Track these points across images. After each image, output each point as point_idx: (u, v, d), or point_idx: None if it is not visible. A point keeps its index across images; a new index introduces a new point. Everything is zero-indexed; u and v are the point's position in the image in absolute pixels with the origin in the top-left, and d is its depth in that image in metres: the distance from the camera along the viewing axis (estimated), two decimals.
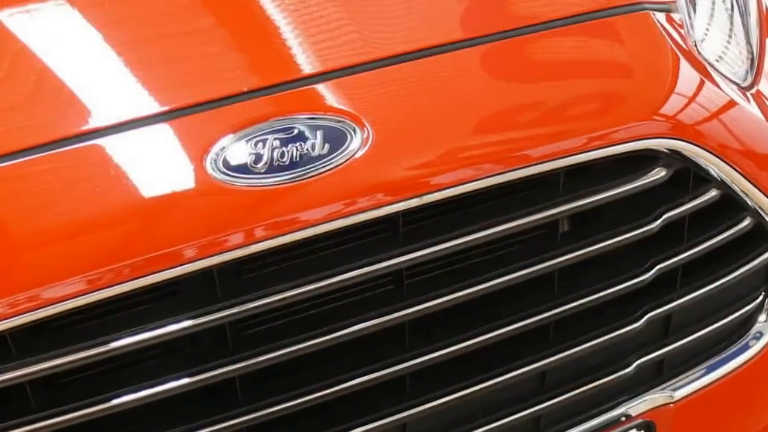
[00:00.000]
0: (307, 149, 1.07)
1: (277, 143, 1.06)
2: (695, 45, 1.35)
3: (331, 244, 1.12)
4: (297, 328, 1.12)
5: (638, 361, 1.30)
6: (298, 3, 1.21)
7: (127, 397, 1.06)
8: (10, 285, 1.00)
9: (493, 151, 1.16)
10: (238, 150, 1.06)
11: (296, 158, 1.06)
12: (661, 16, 1.32)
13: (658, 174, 1.24)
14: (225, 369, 1.08)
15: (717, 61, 1.37)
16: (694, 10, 1.38)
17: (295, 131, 1.08)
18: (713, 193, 1.28)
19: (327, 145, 1.08)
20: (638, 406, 1.32)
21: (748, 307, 1.39)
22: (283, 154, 1.06)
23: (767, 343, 1.40)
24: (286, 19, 1.19)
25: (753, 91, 1.39)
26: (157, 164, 1.06)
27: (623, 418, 1.32)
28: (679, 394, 1.34)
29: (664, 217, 1.25)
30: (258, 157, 1.06)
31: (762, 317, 1.41)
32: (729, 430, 1.48)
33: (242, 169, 1.06)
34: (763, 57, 1.44)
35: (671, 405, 1.34)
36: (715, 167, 1.27)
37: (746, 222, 1.31)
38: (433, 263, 1.17)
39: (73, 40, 1.15)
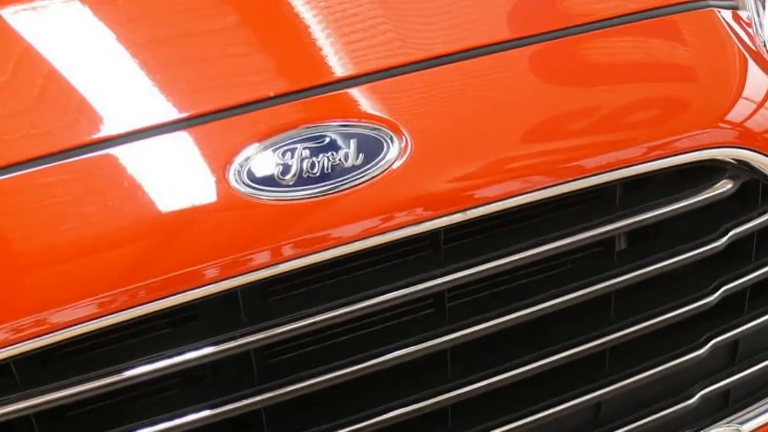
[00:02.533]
0: (340, 159, 1.04)
1: (306, 153, 1.03)
2: (764, 45, 1.31)
3: (366, 264, 1.09)
4: (328, 355, 1.09)
5: (702, 392, 1.28)
6: None
7: (143, 430, 1.03)
8: (14, 308, 0.97)
9: (542, 162, 1.13)
10: (264, 160, 1.03)
11: (328, 169, 1.03)
12: (726, 14, 1.29)
13: (724, 187, 1.21)
14: (250, 400, 1.05)
15: None
16: (763, 7, 1.35)
17: (327, 140, 1.05)
18: None
19: (361, 155, 1.05)
20: None
21: None
22: (313, 165, 1.03)
23: None
24: (316, 17, 1.16)
25: None
26: (175, 176, 1.03)
27: None
28: (747, 428, 1.31)
29: (731, 233, 1.22)
30: (286, 168, 1.03)
31: None
32: None
33: (269, 181, 1.02)
34: None
35: None
36: None
37: None
38: (477, 284, 1.14)
39: (84, 40, 1.12)
